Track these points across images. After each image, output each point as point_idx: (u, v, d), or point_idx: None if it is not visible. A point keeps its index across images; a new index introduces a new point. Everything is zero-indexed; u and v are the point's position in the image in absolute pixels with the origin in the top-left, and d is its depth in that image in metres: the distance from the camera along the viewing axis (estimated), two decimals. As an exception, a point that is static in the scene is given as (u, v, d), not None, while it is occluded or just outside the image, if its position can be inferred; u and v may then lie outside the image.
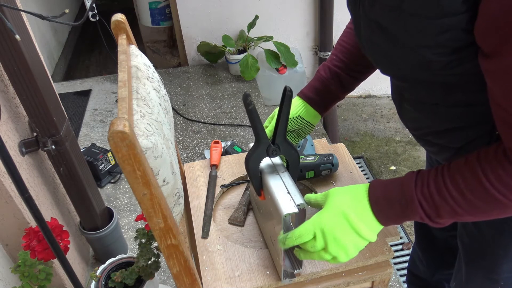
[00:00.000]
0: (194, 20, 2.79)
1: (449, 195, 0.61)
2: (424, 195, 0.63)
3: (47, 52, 3.20)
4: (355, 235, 0.67)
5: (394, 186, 0.66)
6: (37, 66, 1.14)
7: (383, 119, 2.84)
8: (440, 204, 0.62)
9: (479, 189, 0.59)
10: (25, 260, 1.07)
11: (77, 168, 1.31)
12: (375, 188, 0.68)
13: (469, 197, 0.60)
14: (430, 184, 0.62)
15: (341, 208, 0.67)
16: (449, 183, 0.61)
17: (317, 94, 0.92)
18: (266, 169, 0.81)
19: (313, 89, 0.92)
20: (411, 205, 0.63)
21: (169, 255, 0.66)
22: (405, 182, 0.65)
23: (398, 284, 1.63)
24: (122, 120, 0.51)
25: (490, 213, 0.61)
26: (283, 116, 0.76)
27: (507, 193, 0.57)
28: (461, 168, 0.61)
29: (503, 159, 0.57)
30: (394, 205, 0.65)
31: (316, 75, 0.93)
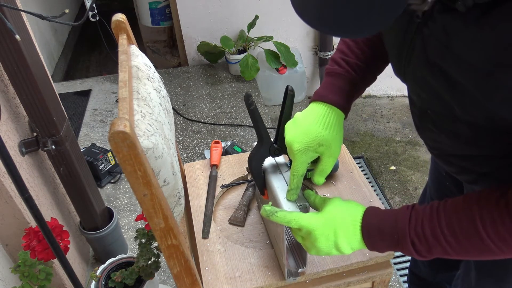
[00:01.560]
0: (194, 20, 2.79)
1: (443, 239, 0.61)
2: (417, 235, 0.62)
3: (47, 52, 3.19)
4: (334, 249, 0.68)
5: (388, 219, 0.66)
6: (37, 66, 1.13)
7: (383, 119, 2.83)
8: (433, 245, 0.62)
9: (474, 237, 0.59)
10: (25, 260, 1.07)
11: (77, 168, 1.31)
12: (370, 217, 0.67)
13: (463, 241, 0.60)
14: (424, 224, 0.62)
15: (335, 227, 0.67)
16: (444, 227, 0.60)
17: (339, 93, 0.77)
18: (269, 168, 0.81)
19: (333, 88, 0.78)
20: (403, 242, 0.64)
21: (170, 255, 0.66)
22: (400, 217, 0.65)
23: (398, 284, 1.63)
24: (123, 120, 0.51)
25: (479, 257, 0.62)
26: (285, 116, 0.76)
27: (502, 246, 0.58)
28: (459, 211, 0.60)
29: (504, 212, 0.57)
30: (385, 238, 0.65)
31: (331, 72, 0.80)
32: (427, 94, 0.66)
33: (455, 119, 0.65)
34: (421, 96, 0.69)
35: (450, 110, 0.63)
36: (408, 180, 2.32)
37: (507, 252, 0.58)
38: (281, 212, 0.69)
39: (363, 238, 0.67)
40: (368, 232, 0.67)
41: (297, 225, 0.68)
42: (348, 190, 1.00)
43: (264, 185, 0.82)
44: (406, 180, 2.32)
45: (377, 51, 0.79)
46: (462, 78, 0.55)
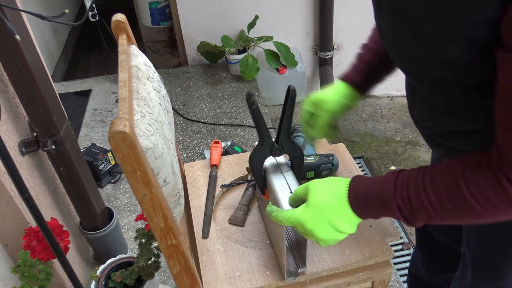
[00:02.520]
0: (194, 20, 2.79)
1: (427, 200, 0.61)
2: (403, 199, 0.63)
3: (47, 52, 3.20)
4: (334, 231, 0.68)
5: (374, 186, 0.66)
6: (37, 66, 1.14)
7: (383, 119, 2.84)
8: (418, 207, 0.62)
9: (458, 197, 0.59)
10: (25, 260, 1.07)
11: (77, 168, 1.31)
12: (356, 187, 0.68)
13: (447, 203, 0.60)
14: (409, 188, 0.63)
15: (321, 206, 0.68)
16: (429, 189, 0.61)
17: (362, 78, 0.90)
18: (270, 168, 0.81)
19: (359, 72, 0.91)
20: (389, 207, 0.64)
21: (170, 255, 0.66)
22: (385, 183, 0.65)
23: (398, 284, 1.63)
24: (122, 120, 0.51)
25: (463, 220, 0.62)
26: (286, 115, 0.76)
27: (485, 203, 0.57)
28: (444, 172, 0.61)
29: (486, 169, 0.57)
30: (373, 205, 0.66)
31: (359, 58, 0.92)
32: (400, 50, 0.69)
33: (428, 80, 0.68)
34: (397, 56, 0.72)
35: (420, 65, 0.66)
36: (408, 180, 2.32)
37: (491, 211, 0.58)
38: (275, 212, 0.71)
39: (353, 209, 0.68)
40: (355, 202, 0.67)
41: (290, 224, 0.69)
42: (348, 190, 0.99)
43: (264, 184, 0.82)
44: (406, 180, 2.32)
45: None
46: (413, 12, 0.59)
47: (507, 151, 0.55)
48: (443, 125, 0.75)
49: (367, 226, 0.90)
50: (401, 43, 0.67)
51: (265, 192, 0.83)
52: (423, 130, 0.83)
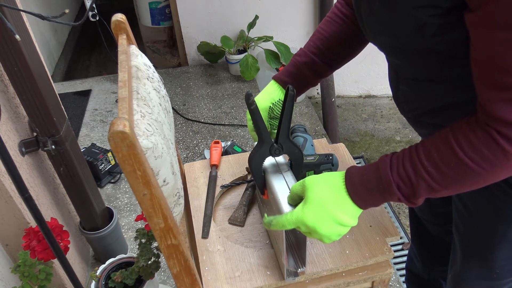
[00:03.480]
0: (194, 20, 2.79)
1: (424, 171, 0.61)
2: (400, 176, 0.63)
3: (47, 52, 3.20)
4: (336, 225, 0.68)
5: (370, 172, 0.66)
6: (37, 66, 1.14)
7: (383, 119, 2.84)
8: (417, 182, 0.62)
9: (453, 159, 0.59)
10: (25, 260, 1.07)
11: (77, 168, 1.31)
12: (352, 176, 0.68)
13: (444, 169, 0.60)
14: (405, 164, 0.63)
15: (320, 201, 0.67)
16: (423, 159, 0.61)
17: (293, 78, 0.93)
18: (270, 168, 0.81)
19: (289, 73, 0.93)
20: (389, 188, 0.64)
21: (169, 255, 0.66)
22: (381, 166, 0.65)
23: (398, 284, 1.63)
24: (122, 120, 0.51)
25: (464, 184, 0.61)
26: (285, 115, 0.76)
27: (480, 160, 0.57)
28: (435, 140, 0.61)
29: (475, 126, 0.58)
30: (372, 191, 0.66)
31: (292, 59, 0.94)
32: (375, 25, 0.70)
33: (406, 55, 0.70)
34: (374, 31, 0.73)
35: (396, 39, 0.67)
36: (408, 180, 2.32)
37: (487, 167, 0.58)
38: (275, 220, 0.70)
39: (352, 199, 0.67)
40: (354, 192, 0.67)
41: (293, 225, 0.69)
42: (348, 190, 1.00)
43: (264, 184, 0.82)
44: (406, 180, 2.32)
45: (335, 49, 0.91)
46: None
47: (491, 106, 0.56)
48: (426, 101, 0.76)
49: (367, 226, 0.90)
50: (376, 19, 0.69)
51: (265, 192, 0.83)
52: (408, 112, 0.84)
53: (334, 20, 0.90)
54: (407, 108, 0.84)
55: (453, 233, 0.95)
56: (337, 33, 0.89)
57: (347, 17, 0.88)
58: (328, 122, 2.62)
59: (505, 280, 0.91)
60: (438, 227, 1.12)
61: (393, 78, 0.84)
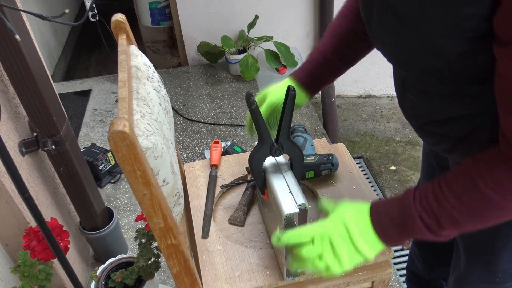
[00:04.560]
0: (194, 20, 2.79)
1: (447, 202, 0.60)
2: (423, 207, 0.62)
3: (47, 52, 3.20)
4: (352, 247, 0.66)
5: (395, 203, 0.66)
6: (37, 66, 1.14)
7: (383, 119, 2.83)
8: (440, 213, 0.61)
9: (475, 191, 0.58)
10: (25, 260, 1.07)
11: (77, 168, 1.31)
12: (377, 206, 0.68)
13: (466, 201, 0.59)
14: (428, 196, 0.62)
15: (344, 219, 0.67)
16: (445, 190, 0.61)
17: (309, 77, 0.92)
18: (270, 168, 0.81)
19: (306, 72, 0.92)
20: (411, 219, 0.63)
21: (169, 255, 0.66)
22: (405, 197, 0.65)
23: (398, 284, 1.63)
24: (122, 120, 0.51)
25: (489, 217, 0.61)
26: (286, 115, 0.76)
27: (503, 192, 0.57)
28: (457, 173, 0.61)
29: (497, 158, 0.57)
30: (395, 222, 0.65)
31: (309, 58, 0.93)
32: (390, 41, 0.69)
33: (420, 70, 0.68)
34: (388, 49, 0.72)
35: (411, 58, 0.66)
36: (408, 180, 2.32)
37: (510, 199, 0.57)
38: (287, 234, 0.68)
39: (373, 226, 0.66)
40: (378, 221, 0.66)
41: (309, 236, 0.67)
42: (348, 190, 1.00)
43: (264, 184, 0.82)
44: (406, 180, 2.32)
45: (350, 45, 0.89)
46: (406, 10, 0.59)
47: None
48: (434, 112, 0.75)
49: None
50: (391, 35, 0.67)
51: (265, 192, 0.83)
52: (413, 120, 0.83)
53: (347, 16, 0.88)
54: (412, 115, 0.83)
55: (457, 237, 0.94)
56: (351, 28, 0.87)
57: None
58: (328, 122, 2.62)
59: (508, 283, 0.90)
60: None
61: (399, 84, 0.82)
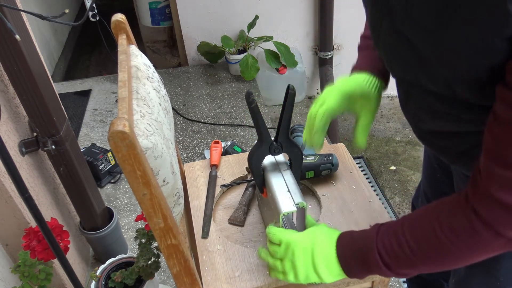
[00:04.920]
0: (194, 20, 2.79)
1: (406, 245, 0.62)
2: (384, 246, 0.64)
3: (47, 52, 3.20)
4: (311, 267, 0.69)
5: (359, 236, 0.68)
6: (37, 66, 1.14)
7: (383, 119, 2.84)
8: (398, 254, 0.63)
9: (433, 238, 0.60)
10: (25, 260, 1.07)
11: (77, 168, 1.31)
12: (345, 236, 0.70)
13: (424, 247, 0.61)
14: (390, 234, 0.64)
15: (314, 239, 0.70)
16: (407, 233, 0.62)
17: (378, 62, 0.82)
18: (269, 167, 0.82)
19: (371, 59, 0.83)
20: (371, 255, 0.65)
21: (169, 255, 0.66)
22: (368, 232, 0.67)
23: (398, 284, 1.63)
24: (122, 120, 0.51)
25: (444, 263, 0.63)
26: (285, 115, 0.76)
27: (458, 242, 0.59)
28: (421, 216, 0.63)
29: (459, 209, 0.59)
30: (356, 255, 0.67)
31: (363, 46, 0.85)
32: (398, 64, 0.69)
33: (426, 91, 0.67)
34: (394, 67, 0.72)
35: (419, 81, 0.66)
36: (408, 180, 2.32)
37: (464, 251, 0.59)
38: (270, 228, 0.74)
39: (337, 255, 0.69)
40: (341, 250, 0.69)
41: (277, 239, 0.72)
42: (348, 190, 1.00)
43: (263, 183, 0.82)
44: (406, 180, 2.32)
45: None
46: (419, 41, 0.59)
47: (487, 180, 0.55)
48: (437, 126, 0.75)
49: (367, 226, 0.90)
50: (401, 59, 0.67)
51: (264, 191, 0.83)
52: (415, 128, 0.83)
53: None
54: (414, 124, 0.81)
55: None
56: None
57: None
58: (328, 122, 2.62)
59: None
60: None
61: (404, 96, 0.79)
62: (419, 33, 0.58)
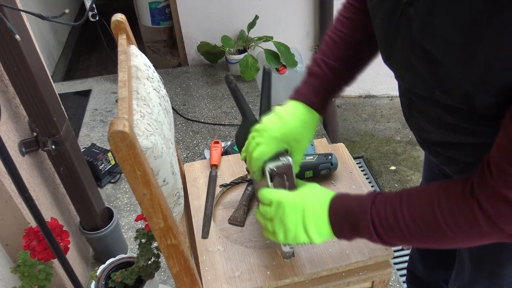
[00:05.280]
0: (194, 20, 2.79)
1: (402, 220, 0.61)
2: (378, 215, 0.63)
3: (47, 52, 3.20)
4: (301, 226, 0.68)
5: (355, 201, 0.67)
6: (37, 66, 1.14)
7: (383, 119, 2.84)
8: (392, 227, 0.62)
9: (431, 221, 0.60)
10: (25, 260, 1.07)
11: (77, 168, 1.31)
12: (339, 198, 0.69)
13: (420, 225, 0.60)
14: (387, 206, 0.63)
15: (305, 199, 0.69)
16: (405, 208, 0.62)
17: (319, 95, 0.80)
18: None
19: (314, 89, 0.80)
20: (364, 222, 0.64)
21: (169, 255, 0.66)
22: (365, 198, 0.66)
23: (398, 284, 1.63)
24: (122, 120, 0.51)
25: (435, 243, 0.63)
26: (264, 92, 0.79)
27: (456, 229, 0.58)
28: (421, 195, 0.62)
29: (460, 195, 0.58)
30: (348, 219, 0.66)
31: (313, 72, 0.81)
32: (411, 76, 0.67)
33: (437, 103, 0.66)
34: (405, 78, 0.70)
35: (432, 93, 0.64)
36: (408, 180, 2.32)
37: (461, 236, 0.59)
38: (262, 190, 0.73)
39: (329, 216, 0.68)
40: (334, 211, 0.68)
41: (268, 199, 0.71)
42: (348, 190, 1.00)
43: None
44: (406, 180, 2.32)
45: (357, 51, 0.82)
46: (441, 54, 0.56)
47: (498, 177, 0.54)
48: (442, 137, 0.73)
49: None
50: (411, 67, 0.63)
51: None
52: (418, 137, 0.82)
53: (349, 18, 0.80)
54: (417, 133, 0.80)
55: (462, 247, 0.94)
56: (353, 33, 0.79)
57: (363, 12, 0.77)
58: (328, 122, 2.62)
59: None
60: None
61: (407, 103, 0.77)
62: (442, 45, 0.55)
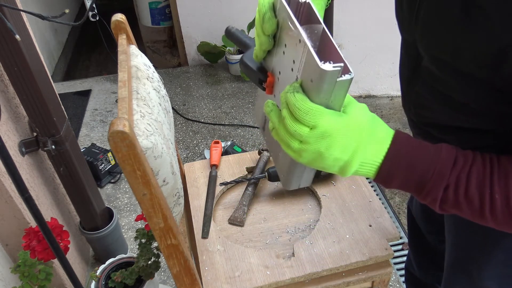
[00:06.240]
0: (194, 20, 2.79)
1: (489, 196, 0.49)
2: (458, 180, 0.50)
3: (47, 52, 3.20)
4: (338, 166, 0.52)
5: (427, 154, 0.52)
6: (37, 66, 1.14)
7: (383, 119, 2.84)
8: (472, 198, 0.50)
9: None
10: (25, 260, 1.07)
11: (77, 168, 1.31)
12: (401, 144, 0.52)
13: None
14: (472, 173, 0.50)
15: (360, 138, 0.51)
16: (496, 182, 0.49)
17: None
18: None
19: None
20: (436, 182, 0.51)
21: (169, 255, 0.66)
22: (444, 156, 0.51)
23: (398, 284, 1.63)
24: (122, 120, 0.51)
25: None
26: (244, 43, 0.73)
27: None
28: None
29: None
30: (413, 174, 0.52)
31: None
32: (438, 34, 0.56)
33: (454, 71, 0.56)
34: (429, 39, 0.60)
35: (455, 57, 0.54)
36: (408, 180, 2.31)
37: None
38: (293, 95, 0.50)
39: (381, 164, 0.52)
40: (392, 157, 0.52)
41: (313, 120, 0.49)
42: (348, 190, 1.00)
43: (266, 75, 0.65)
44: (406, 180, 2.32)
45: None
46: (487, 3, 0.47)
47: None
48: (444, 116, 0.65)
49: (367, 226, 0.90)
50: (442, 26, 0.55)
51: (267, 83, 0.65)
52: (414, 116, 0.74)
53: None
54: (414, 111, 0.73)
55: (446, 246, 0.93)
56: None
57: None
58: (328, 122, 2.62)
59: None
60: (434, 236, 1.11)
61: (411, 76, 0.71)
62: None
